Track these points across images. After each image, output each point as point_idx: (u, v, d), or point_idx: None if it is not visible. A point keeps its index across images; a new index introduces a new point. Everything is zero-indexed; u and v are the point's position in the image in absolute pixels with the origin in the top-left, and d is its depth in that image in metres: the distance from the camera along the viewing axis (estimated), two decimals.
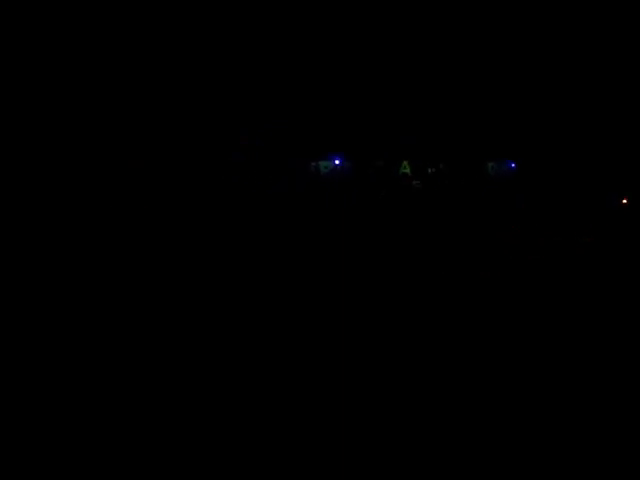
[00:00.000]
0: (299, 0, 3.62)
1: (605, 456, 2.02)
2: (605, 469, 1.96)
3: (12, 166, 3.50)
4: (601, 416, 2.28)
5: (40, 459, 2.02)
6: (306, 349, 2.78)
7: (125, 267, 3.49)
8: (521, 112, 3.90)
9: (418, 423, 2.22)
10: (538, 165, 4.04)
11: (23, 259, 3.38)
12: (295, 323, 3.06)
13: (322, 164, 3.99)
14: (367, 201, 4.08)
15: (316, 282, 3.48)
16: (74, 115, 3.64)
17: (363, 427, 2.16)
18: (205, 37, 3.69)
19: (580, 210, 3.90)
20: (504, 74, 3.83)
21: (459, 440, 2.13)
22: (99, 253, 3.54)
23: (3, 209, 3.45)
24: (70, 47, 3.52)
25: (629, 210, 3.85)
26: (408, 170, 4.15)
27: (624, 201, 3.73)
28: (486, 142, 4.03)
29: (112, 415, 2.28)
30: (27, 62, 3.47)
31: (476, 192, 4.13)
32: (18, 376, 2.53)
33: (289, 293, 3.39)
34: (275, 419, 2.22)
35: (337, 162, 3.94)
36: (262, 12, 3.66)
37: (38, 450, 2.07)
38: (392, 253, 3.89)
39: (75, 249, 3.51)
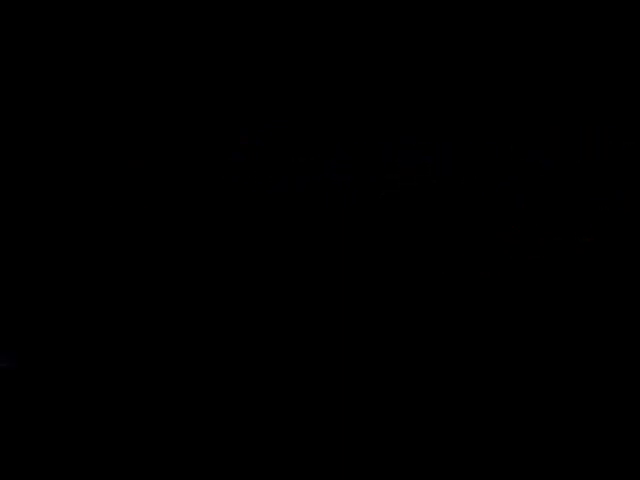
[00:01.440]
0: (299, 1, 3.61)
1: (605, 456, 2.02)
2: (605, 469, 1.97)
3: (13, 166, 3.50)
4: (601, 416, 2.29)
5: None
6: (306, 349, 2.79)
7: (123, 266, 3.49)
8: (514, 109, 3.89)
9: (418, 424, 2.23)
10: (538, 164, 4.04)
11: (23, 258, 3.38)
12: (294, 322, 3.06)
13: None
14: (368, 201, 4.08)
15: (316, 284, 3.49)
16: (73, 115, 3.63)
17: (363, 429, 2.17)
18: (205, 37, 3.68)
19: (580, 210, 3.90)
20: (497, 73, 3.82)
21: (459, 441, 2.14)
22: (97, 252, 3.54)
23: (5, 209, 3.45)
24: (70, 47, 3.51)
25: (629, 210, 3.85)
26: None
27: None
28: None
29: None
30: (27, 62, 3.46)
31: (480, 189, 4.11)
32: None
33: (289, 295, 3.40)
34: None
35: None
36: (262, 12, 3.65)
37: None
38: (392, 252, 3.89)
39: (73, 247, 3.51)
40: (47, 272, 3.32)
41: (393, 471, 2.00)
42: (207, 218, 3.80)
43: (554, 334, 2.90)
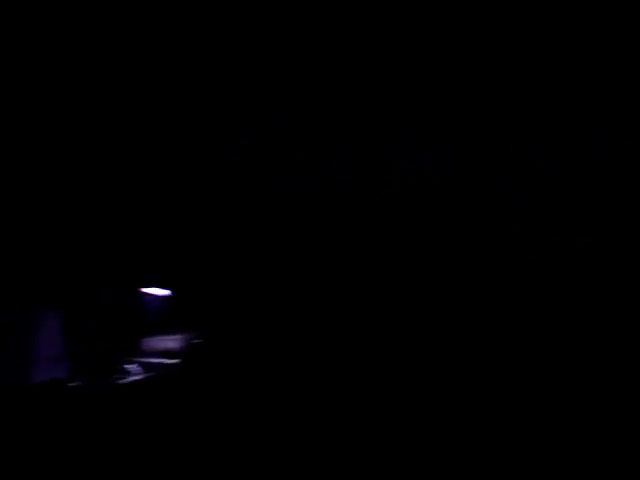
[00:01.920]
0: (299, 1, 3.61)
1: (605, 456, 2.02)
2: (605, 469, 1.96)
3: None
4: (601, 415, 2.28)
5: None
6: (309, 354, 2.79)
7: (119, 265, 3.48)
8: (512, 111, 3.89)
9: (417, 421, 2.22)
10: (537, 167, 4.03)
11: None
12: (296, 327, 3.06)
13: None
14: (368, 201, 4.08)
15: (316, 286, 3.49)
16: (72, 114, 3.63)
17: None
18: (205, 36, 3.68)
19: (580, 210, 3.90)
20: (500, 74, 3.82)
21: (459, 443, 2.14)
22: (95, 250, 3.54)
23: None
24: (69, 47, 3.51)
25: (629, 210, 3.85)
26: None
27: None
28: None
29: None
30: (27, 62, 3.46)
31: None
32: None
33: (288, 297, 3.39)
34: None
35: None
36: (262, 12, 3.65)
37: None
38: (392, 252, 3.89)
39: (71, 246, 3.51)
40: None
41: (393, 470, 2.01)
42: (207, 217, 3.80)
43: (554, 333, 2.90)
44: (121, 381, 2.80)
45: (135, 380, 2.83)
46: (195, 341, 3.05)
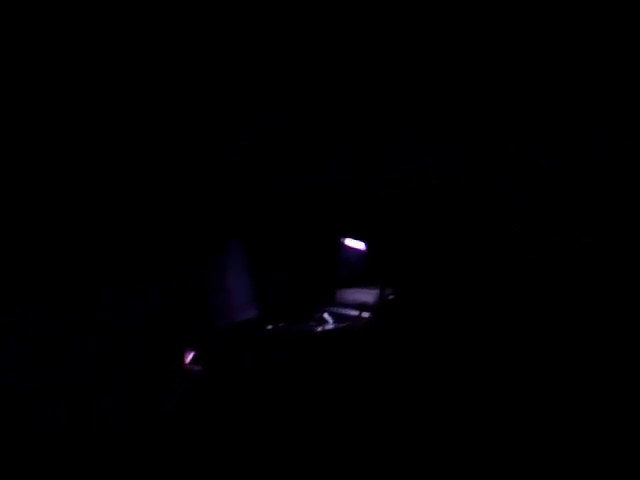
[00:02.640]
0: (299, 1, 3.61)
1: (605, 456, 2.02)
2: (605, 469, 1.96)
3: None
4: (601, 416, 2.28)
5: None
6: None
7: (122, 268, 3.48)
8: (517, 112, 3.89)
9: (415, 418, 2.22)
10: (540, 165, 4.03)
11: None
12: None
13: None
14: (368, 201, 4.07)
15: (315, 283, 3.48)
16: (73, 115, 3.63)
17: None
18: (204, 35, 3.68)
19: (580, 210, 3.89)
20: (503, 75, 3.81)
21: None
22: (93, 252, 3.53)
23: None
24: (69, 47, 3.51)
25: (629, 210, 3.84)
26: None
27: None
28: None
29: None
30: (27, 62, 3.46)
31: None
32: None
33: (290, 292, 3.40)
34: None
35: None
36: (262, 11, 3.65)
37: None
38: (391, 252, 3.89)
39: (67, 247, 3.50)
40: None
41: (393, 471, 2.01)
42: (207, 217, 3.80)
43: (554, 333, 2.90)
44: (315, 329, 2.89)
45: (329, 329, 2.92)
46: (389, 297, 3.08)
